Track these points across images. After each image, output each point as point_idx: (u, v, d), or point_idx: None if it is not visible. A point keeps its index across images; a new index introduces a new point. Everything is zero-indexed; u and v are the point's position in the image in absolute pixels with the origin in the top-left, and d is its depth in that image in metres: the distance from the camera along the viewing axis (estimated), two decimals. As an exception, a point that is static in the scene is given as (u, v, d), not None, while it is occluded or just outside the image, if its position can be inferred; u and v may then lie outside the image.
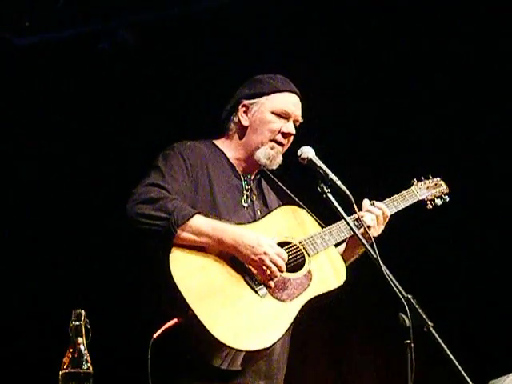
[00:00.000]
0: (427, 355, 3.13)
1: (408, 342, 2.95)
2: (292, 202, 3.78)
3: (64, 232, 5.69)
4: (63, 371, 2.70)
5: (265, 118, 3.70)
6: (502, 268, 5.30)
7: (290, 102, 3.74)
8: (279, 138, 3.71)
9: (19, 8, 5.69)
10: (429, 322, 3.03)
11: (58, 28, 5.80)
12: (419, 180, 4.14)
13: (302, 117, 3.77)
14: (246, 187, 3.73)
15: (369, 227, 3.69)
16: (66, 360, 2.71)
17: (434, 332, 3.02)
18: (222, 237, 3.41)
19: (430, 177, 4.18)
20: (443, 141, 5.43)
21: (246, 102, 3.74)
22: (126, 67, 5.79)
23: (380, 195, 3.89)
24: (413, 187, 4.08)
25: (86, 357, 2.72)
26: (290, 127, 3.72)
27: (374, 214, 3.77)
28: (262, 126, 3.70)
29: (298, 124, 3.76)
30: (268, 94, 3.72)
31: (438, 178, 4.21)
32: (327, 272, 3.60)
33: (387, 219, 3.82)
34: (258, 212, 3.70)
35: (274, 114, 3.70)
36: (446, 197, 4.18)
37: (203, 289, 3.33)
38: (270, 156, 3.71)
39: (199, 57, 5.69)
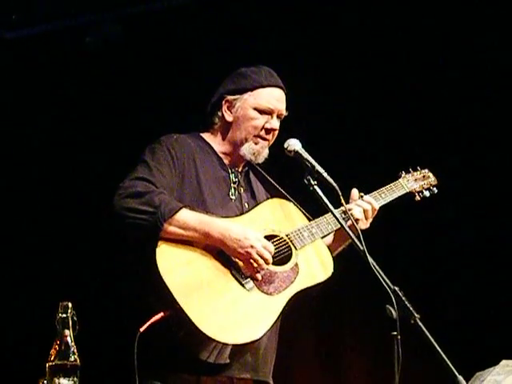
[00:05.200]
0: (415, 347, 3.13)
1: (395, 333, 2.96)
2: (279, 195, 3.78)
3: (51, 224, 5.68)
4: (50, 363, 2.71)
5: (248, 115, 3.68)
6: (489, 260, 5.32)
7: (274, 98, 3.71)
8: (263, 134, 3.70)
9: (5, 1, 5.68)
10: (415, 314, 3.03)
11: (45, 21, 5.78)
12: (407, 172, 4.12)
13: (288, 108, 3.75)
14: (234, 180, 3.73)
15: (357, 220, 3.70)
16: (52, 352, 2.72)
17: (420, 324, 3.03)
18: (209, 230, 3.41)
19: (419, 168, 4.16)
20: (432, 132, 5.42)
21: (229, 97, 3.72)
22: (113, 60, 5.78)
23: (368, 187, 3.89)
24: (400, 179, 4.06)
25: (73, 349, 2.73)
26: (273, 123, 3.70)
27: (363, 208, 3.77)
28: (246, 122, 3.69)
29: (282, 117, 3.75)
30: (251, 89, 3.69)
31: (427, 170, 4.19)
32: (314, 265, 3.60)
33: (375, 212, 3.83)
34: (246, 205, 3.69)
35: (256, 110, 3.68)
36: (435, 188, 4.16)
37: (190, 283, 3.32)
38: (255, 151, 3.70)
39: (186, 49, 5.68)
